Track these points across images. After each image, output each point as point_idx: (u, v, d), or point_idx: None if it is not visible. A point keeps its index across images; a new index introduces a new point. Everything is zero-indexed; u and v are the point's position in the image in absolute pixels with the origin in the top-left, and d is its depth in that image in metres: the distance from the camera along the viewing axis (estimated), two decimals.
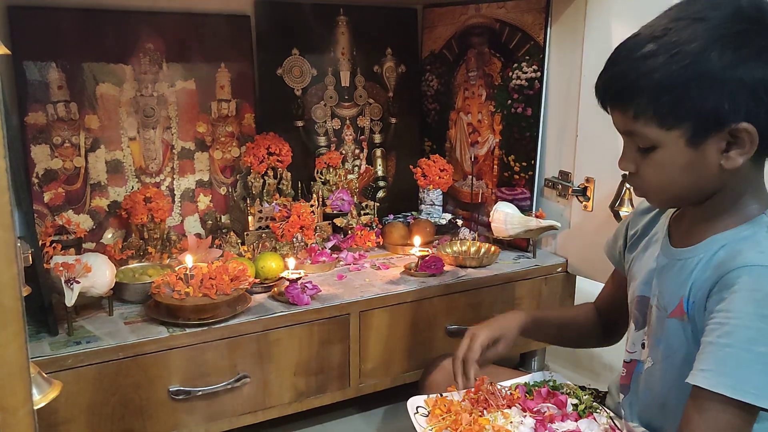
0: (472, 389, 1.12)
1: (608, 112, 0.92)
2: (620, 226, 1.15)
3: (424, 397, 1.16)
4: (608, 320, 1.20)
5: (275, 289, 1.45)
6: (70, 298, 1.21)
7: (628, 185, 1.46)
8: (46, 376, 0.66)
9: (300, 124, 1.90)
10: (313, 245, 1.66)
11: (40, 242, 1.39)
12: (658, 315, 0.96)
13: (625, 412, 1.05)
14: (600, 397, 1.17)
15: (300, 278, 1.41)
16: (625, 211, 1.47)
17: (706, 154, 0.85)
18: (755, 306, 0.80)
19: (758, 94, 0.81)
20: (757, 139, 0.83)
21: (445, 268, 1.61)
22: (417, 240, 1.67)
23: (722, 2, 0.83)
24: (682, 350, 0.91)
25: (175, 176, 1.73)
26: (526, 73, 1.71)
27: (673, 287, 0.93)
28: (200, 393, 1.28)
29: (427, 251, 1.60)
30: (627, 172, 0.93)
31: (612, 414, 1.08)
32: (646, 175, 0.90)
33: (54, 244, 1.40)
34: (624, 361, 1.07)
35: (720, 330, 0.82)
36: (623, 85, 0.86)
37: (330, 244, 1.72)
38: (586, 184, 1.60)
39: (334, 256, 1.67)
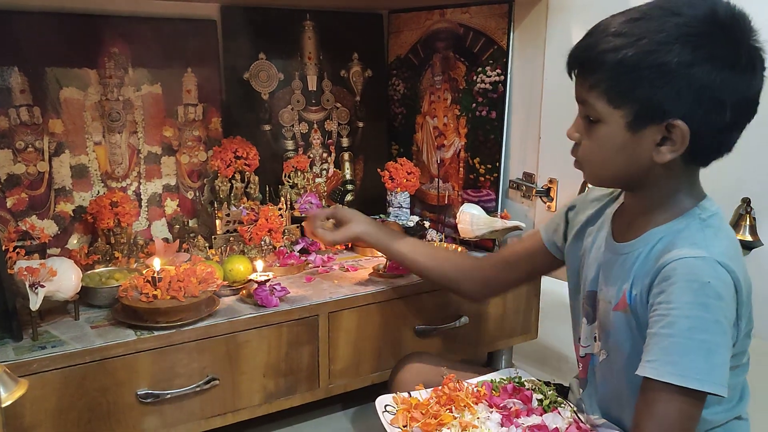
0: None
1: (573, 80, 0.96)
2: (560, 212, 1.18)
3: (392, 395, 1.17)
4: (496, 276, 1.27)
5: (243, 291, 1.46)
6: (35, 303, 1.20)
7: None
8: (12, 374, 0.66)
9: (267, 128, 1.90)
10: (282, 248, 1.67)
11: (3, 247, 1.37)
12: (605, 308, 1.00)
13: (586, 405, 1.08)
14: (564, 392, 1.20)
15: (269, 280, 1.42)
16: None
17: (642, 142, 0.89)
18: (693, 295, 0.85)
19: (701, 97, 0.85)
20: (687, 139, 0.87)
21: None
22: None
23: (701, 3, 0.87)
24: (628, 342, 0.95)
25: (141, 181, 1.72)
26: (490, 76, 1.75)
27: (617, 281, 0.97)
28: (169, 396, 1.28)
29: None
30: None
31: (576, 408, 1.11)
32: (586, 148, 0.95)
33: (17, 250, 1.38)
34: (579, 356, 1.10)
35: (662, 321, 0.86)
36: (588, 56, 0.91)
37: (298, 247, 1.72)
38: (550, 185, 1.64)
39: (303, 258, 1.68)
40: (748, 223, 1.28)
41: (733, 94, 0.86)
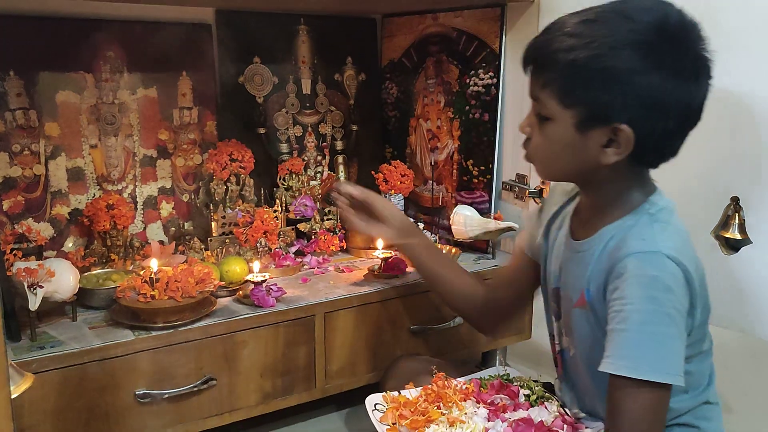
0: None
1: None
2: (534, 217, 1.20)
3: (382, 394, 1.19)
4: (496, 302, 1.25)
5: (240, 292, 1.47)
6: (34, 303, 1.20)
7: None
8: (18, 368, 0.66)
9: (262, 131, 1.91)
10: (277, 250, 1.68)
11: (1, 249, 1.37)
12: (567, 305, 1.03)
13: (566, 399, 1.11)
14: (552, 390, 1.22)
15: (265, 281, 1.43)
16: None
17: (588, 143, 0.91)
18: (643, 289, 0.87)
19: (647, 103, 0.87)
20: (632, 144, 0.88)
21: (407, 269, 1.64)
22: (380, 242, 1.70)
23: (654, 8, 0.88)
24: (589, 338, 0.97)
25: (137, 184, 1.73)
26: (482, 79, 1.77)
27: (576, 279, 1.00)
28: (166, 396, 1.29)
29: (391, 253, 1.63)
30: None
31: (561, 403, 1.13)
32: (536, 143, 0.97)
33: (15, 252, 1.39)
34: (554, 353, 1.12)
35: (618, 317, 0.88)
36: (542, 54, 0.93)
37: (294, 249, 1.73)
38: (542, 186, 1.66)
39: (299, 260, 1.69)
40: (737, 221, 1.29)
41: (678, 102, 0.88)
